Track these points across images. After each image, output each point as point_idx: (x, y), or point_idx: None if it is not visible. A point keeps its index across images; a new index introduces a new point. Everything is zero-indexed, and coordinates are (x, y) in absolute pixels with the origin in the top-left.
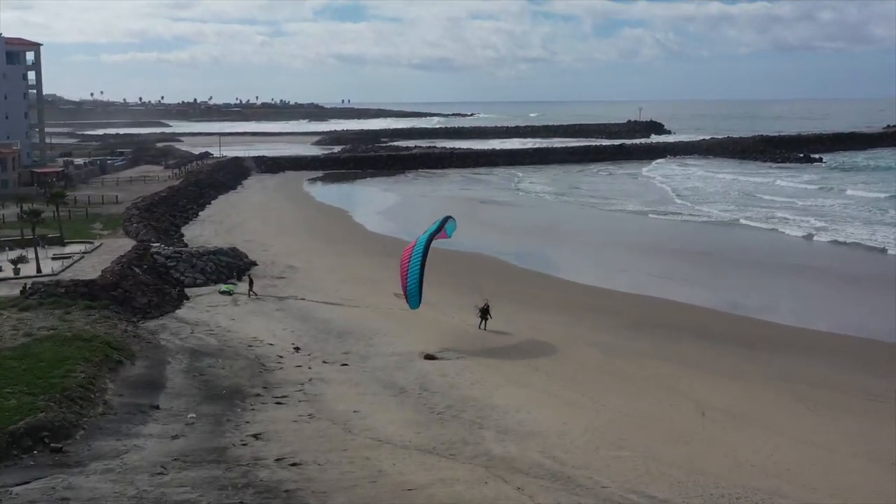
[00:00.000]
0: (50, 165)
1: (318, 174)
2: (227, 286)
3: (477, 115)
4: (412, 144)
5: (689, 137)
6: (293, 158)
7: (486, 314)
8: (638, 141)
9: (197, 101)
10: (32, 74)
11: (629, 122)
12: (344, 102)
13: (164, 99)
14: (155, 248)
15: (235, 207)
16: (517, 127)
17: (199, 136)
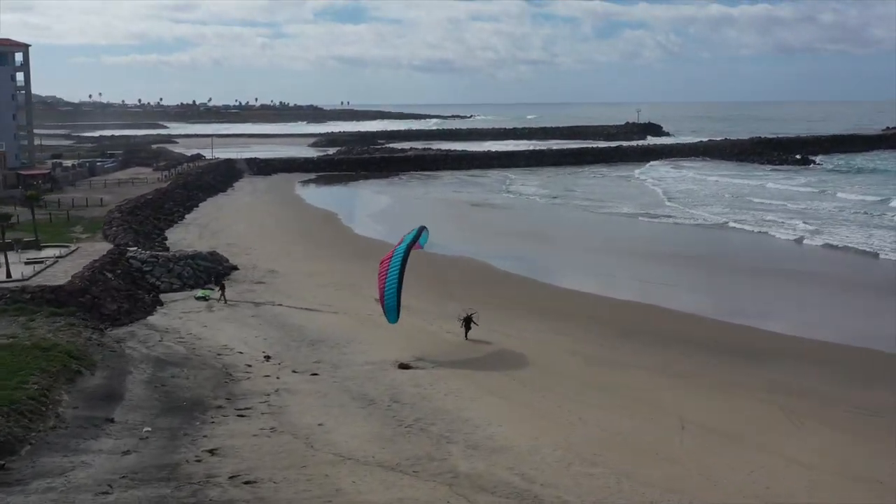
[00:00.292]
0: (39, 167)
1: (310, 176)
2: (203, 291)
3: (475, 116)
4: (408, 146)
5: (686, 139)
6: (286, 160)
7: (469, 324)
8: (635, 143)
9: (195, 102)
10: (22, 76)
11: (627, 123)
12: (343, 104)
13: (162, 101)
14: (131, 252)
15: (223, 210)
16: (514, 129)
17: (195, 137)
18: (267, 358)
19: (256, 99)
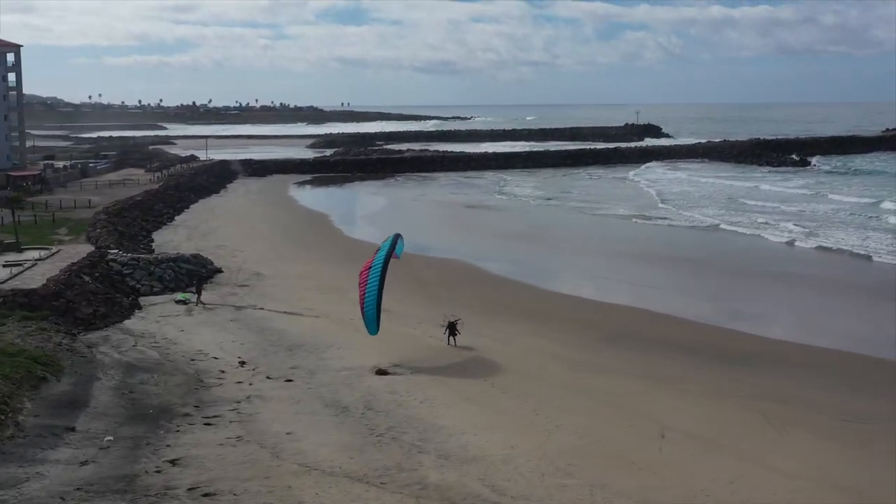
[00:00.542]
0: (31, 168)
1: (306, 178)
2: (183, 295)
3: (475, 118)
4: (406, 147)
5: (685, 141)
6: (282, 161)
7: (454, 330)
8: (633, 144)
9: (195, 104)
10: (14, 76)
11: (626, 125)
12: (343, 105)
13: (162, 102)
14: (112, 254)
15: (214, 212)
16: (513, 130)
17: (194, 138)
18: (241, 363)
19: (257, 100)
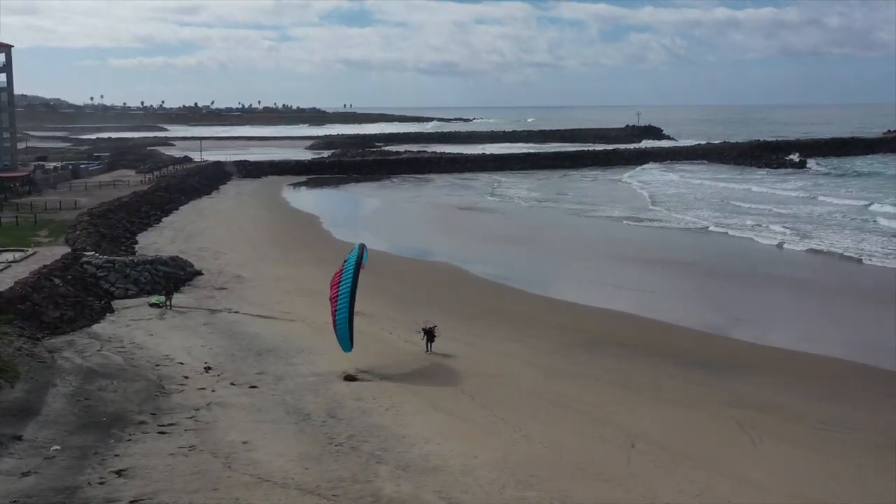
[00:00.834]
0: (22, 169)
1: (301, 179)
2: (157, 298)
3: (477, 119)
4: (404, 149)
5: (686, 142)
6: (277, 163)
7: (431, 336)
8: (632, 146)
9: (197, 105)
10: (4, 77)
11: (627, 126)
12: (346, 107)
13: (164, 103)
14: (87, 257)
15: (202, 214)
16: (513, 132)
17: (193, 140)
18: (207, 369)
19: (259, 102)
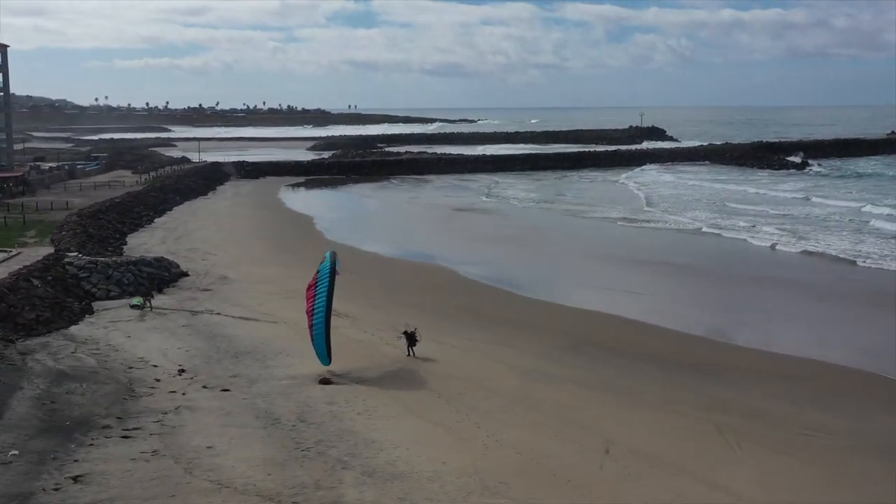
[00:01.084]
0: (19, 169)
1: (299, 180)
2: (138, 299)
3: (481, 120)
4: (405, 150)
5: (688, 143)
6: (276, 163)
7: (413, 340)
8: (633, 147)
9: (202, 106)
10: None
11: (630, 127)
12: (351, 108)
13: (169, 104)
14: (69, 258)
15: (196, 214)
16: (516, 133)
17: (196, 140)
18: (181, 371)
19: (264, 103)
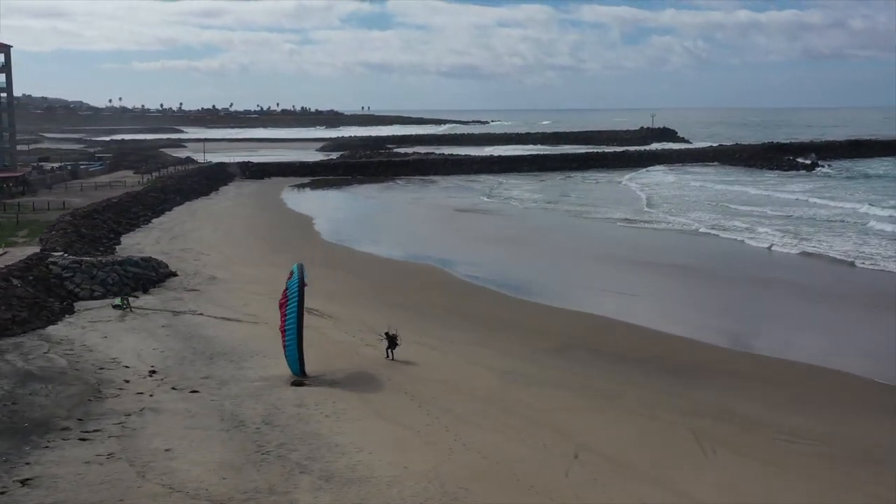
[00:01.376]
0: (21, 169)
1: (304, 181)
2: (119, 299)
3: (493, 122)
4: (413, 150)
5: (698, 144)
6: (282, 164)
7: (393, 342)
8: (642, 148)
9: (215, 107)
10: (3, 77)
11: (641, 129)
12: (364, 109)
13: (182, 105)
14: (54, 257)
15: (195, 215)
16: (526, 134)
17: (208, 141)
18: (152, 373)
19: (278, 104)
